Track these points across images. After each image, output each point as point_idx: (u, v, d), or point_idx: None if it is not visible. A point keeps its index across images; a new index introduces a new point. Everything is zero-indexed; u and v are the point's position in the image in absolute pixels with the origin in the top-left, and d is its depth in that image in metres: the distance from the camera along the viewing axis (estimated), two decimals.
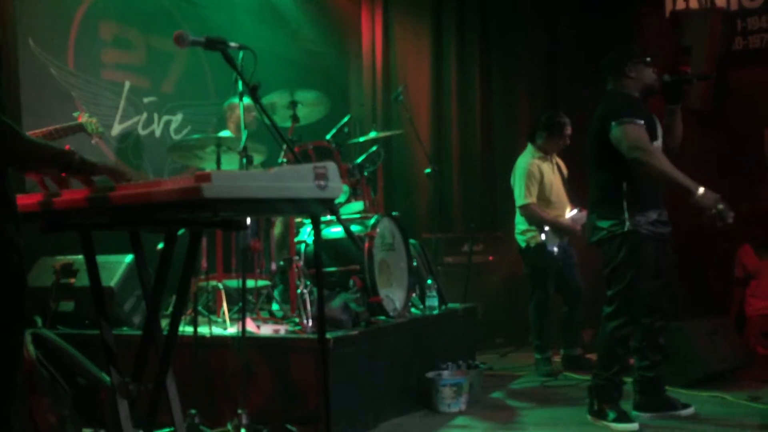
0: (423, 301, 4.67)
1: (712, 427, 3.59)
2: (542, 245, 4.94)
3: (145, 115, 5.29)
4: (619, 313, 3.60)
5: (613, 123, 3.58)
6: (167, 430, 3.11)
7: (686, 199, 3.48)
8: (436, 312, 4.63)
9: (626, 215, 3.58)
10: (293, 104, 4.49)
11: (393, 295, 4.28)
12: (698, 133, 5.62)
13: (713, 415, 3.80)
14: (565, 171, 5.28)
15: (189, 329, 3.62)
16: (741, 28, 6.05)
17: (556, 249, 4.90)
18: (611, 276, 3.65)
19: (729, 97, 5.76)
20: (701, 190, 3.46)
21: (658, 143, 3.71)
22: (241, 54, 3.02)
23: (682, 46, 5.92)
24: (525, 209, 5.02)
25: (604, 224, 3.67)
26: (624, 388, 3.72)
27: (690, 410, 3.79)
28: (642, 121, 3.57)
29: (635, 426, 3.54)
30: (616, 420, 3.57)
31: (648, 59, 3.75)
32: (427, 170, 5.67)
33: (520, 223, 5.14)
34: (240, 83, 3.27)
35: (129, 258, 4.01)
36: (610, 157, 3.64)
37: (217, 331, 3.74)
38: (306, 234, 4.35)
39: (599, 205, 3.74)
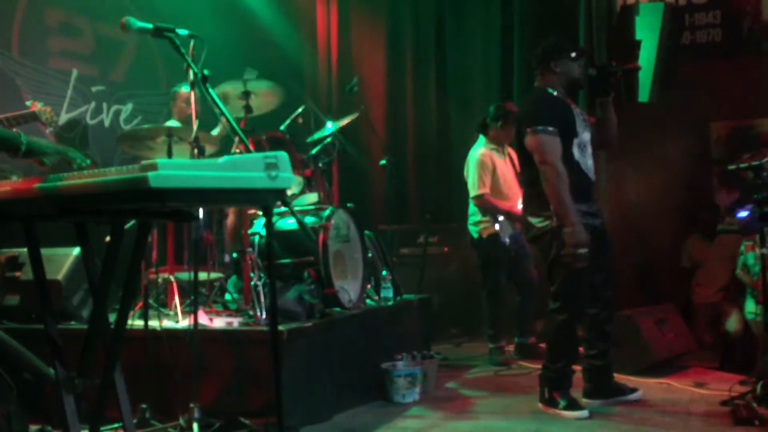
0: (378, 293, 4.67)
1: (659, 413, 3.68)
2: (494, 236, 4.98)
3: (93, 104, 5.17)
4: (564, 307, 3.66)
5: (528, 130, 3.65)
6: (116, 425, 3.08)
7: (561, 226, 3.53)
8: (391, 303, 4.64)
9: (552, 212, 3.63)
10: (246, 94, 4.43)
11: (348, 287, 4.27)
12: (645, 126, 5.75)
13: (660, 401, 3.89)
14: (517, 162, 5.33)
15: (140, 323, 3.57)
16: (688, 23, 6.20)
17: (508, 239, 4.96)
18: (550, 272, 3.72)
19: (676, 90, 5.89)
20: (576, 227, 3.50)
21: (580, 139, 3.73)
22: (192, 42, 2.97)
23: (634, 40, 6.03)
24: (479, 200, 5.06)
25: (534, 221, 3.74)
26: (574, 376, 3.78)
27: (637, 394, 3.87)
28: (554, 128, 3.61)
29: (585, 413, 3.61)
30: (567, 408, 3.64)
31: (573, 54, 3.79)
32: (383, 161, 5.67)
33: (473, 214, 5.18)
34: (191, 73, 3.21)
35: (77, 250, 3.92)
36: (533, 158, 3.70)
37: (168, 324, 3.69)
38: (260, 226, 4.31)
39: (529, 202, 3.82)
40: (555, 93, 3.78)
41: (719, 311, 5.60)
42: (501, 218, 4.99)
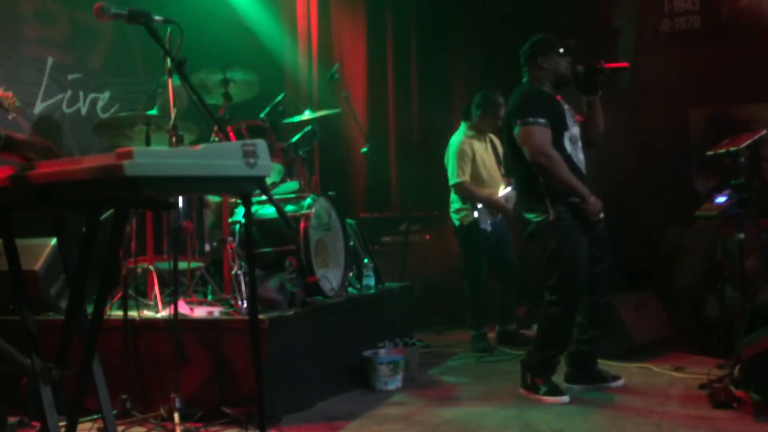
0: (360, 281, 4.67)
1: (638, 396, 3.72)
2: (475, 223, 4.99)
3: (69, 92, 5.09)
4: (560, 301, 3.68)
5: (517, 123, 3.65)
6: (95, 416, 3.06)
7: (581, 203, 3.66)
8: (373, 291, 4.64)
9: (549, 206, 3.66)
10: (225, 82, 4.39)
11: (330, 275, 4.26)
12: (624, 114, 5.77)
13: (640, 385, 3.93)
14: (500, 149, 5.34)
15: (119, 313, 3.54)
16: (668, 10, 6.22)
17: (489, 227, 4.97)
18: (548, 265, 3.72)
19: (655, 77, 5.92)
20: (592, 198, 3.65)
21: (571, 132, 3.75)
22: (168, 29, 2.93)
23: (613, 28, 6.05)
24: (458, 187, 5.07)
25: (531, 216, 3.76)
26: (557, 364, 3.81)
27: (619, 382, 3.91)
28: (544, 120, 3.62)
29: (566, 398, 3.64)
30: (548, 393, 3.67)
31: (561, 50, 3.79)
32: (364, 149, 5.65)
33: (454, 202, 5.19)
34: (168, 59, 3.18)
35: (55, 240, 3.87)
36: (523, 152, 3.70)
37: (148, 314, 3.66)
38: (241, 214, 4.28)
39: (524, 197, 3.83)
40: (544, 89, 3.78)
41: (698, 296, 5.65)
42: (480, 206, 5.00)
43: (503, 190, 5.15)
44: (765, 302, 5.10)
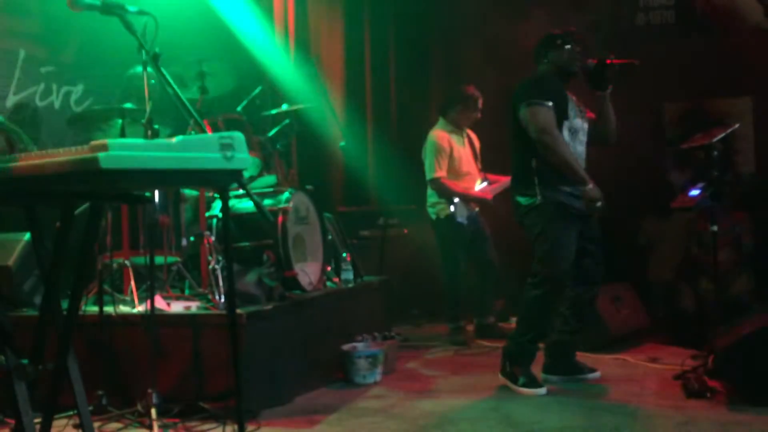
0: (338, 275, 4.67)
1: (614, 387, 3.77)
2: (451, 217, 5.01)
3: (42, 85, 5.00)
4: (542, 283, 3.69)
5: (522, 104, 3.66)
6: (71, 412, 3.02)
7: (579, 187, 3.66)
8: (351, 285, 4.64)
9: (538, 190, 3.68)
10: (201, 75, 4.34)
11: (308, 269, 4.25)
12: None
13: (616, 376, 3.98)
14: (477, 144, 5.36)
15: (95, 308, 3.50)
16: (643, 4, 6.28)
17: (465, 220, 4.98)
18: (534, 247, 3.75)
19: (630, 71, 5.96)
20: (591, 185, 3.65)
21: (571, 123, 3.76)
22: (144, 21, 2.89)
23: (589, 21, 6.08)
24: (434, 183, 5.08)
25: (522, 200, 3.77)
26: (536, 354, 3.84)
27: (596, 374, 3.95)
28: (550, 103, 3.64)
29: (543, 390, 3.67)
30: (526, 385, 3.69)
31: (568, 46, 3.80)
32: (342, 144, 5.63)
33: (431, 196, 5.20)
34: (143, 52, 3.14)
35: (28, 235, 3.81)
36: (522, 136, 3.72)
37: (124, 309, 3.63)
38: (218, 209, 4.25)
39: (517, 182, 3.85)
40: (553, 77, 3.80)
41: (673, 288, 5.72)
42: (456, 200, 5.02)
43: (479, 185, 5.17)
44: (738, 294, 5.19)
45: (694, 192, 4.15)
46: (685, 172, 5.95)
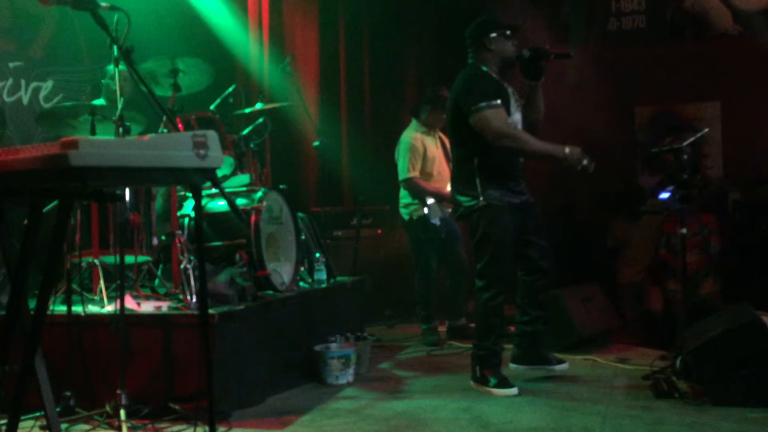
0: (311, 275, 4.64)
1: (584, 387, 3.80)
2: (424, 218, 5.02)
3: (10, 80, 4.91)
4: (489, 285, 3.72)
5: (472, 110, 3.64)
6: (38, 413, 2.97)
7: (557, 163, 3.64)
8: (324, 285, 4.62)
9: (479, 190, 3.70)
10: (174, 72, 4.29)
11: (281, 269, 4.23)
12: (573, 110, 5.88)
13: (586, 377, 4.02)
14: (448, 146, 5.37)
15: (63, 308, 3.44)
16: (615, 9, 6.36)
17: (438, 221, 5.00)
18: (477, 249, 3.78)
19: (601, 75, 6.04)
20: (567, 149, 3.63)
21: (512, 119, 3.77)
22: (115, 16, 2.85)
23: (563, 24, 6.15)
24: (407, 183, 5.09)
25: (462, 199, 3.79)
26: (503, 354, 3.86)
27: (564, 366, 3.97)
28: (498, 101, 3.64)
29: (515, 390, 3.69)
30: (497, 386, 3.71)
31: (508, 32, 3.80)
32: (316, 143, 5.61)
33: (404, 197, 5.21)
34: (115, 48, 3.09)
35: None
36: (463, 134, 3.74)
37: (93, 309, 3.57)
38: (190, 208, 4.21)
39: (457, 180, 3.86)
40: (488, 71, 3.80)
41: (642, 290, 5.80)
42: (430, 201, 5.03)
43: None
44: (705, 295, 5.28)
45: (664, 195, 4.21)
46: (655, 175, 6.03)
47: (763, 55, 5.84)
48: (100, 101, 4.64)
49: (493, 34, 3.77)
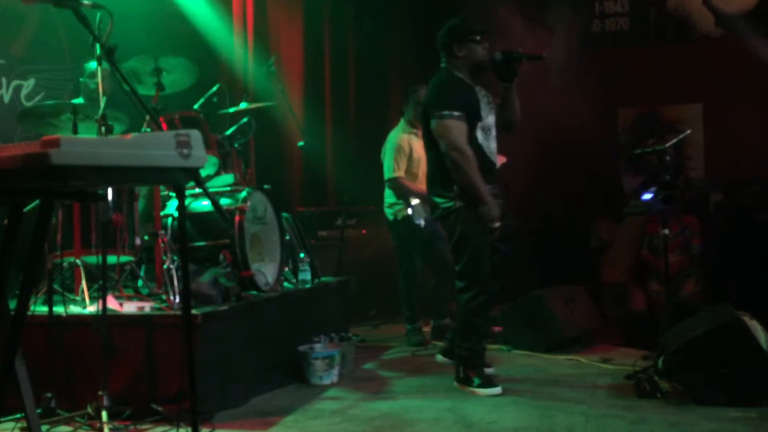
0: (296, 275, 4.63)
1: (567, 387, 3.82)
2: (409, 218, 5.02)
3: None
4: (469, 286, 3.75)
5: (435, 115, 3.70)
6: (18, 415, 2.94)
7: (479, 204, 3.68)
8: (308, 286, 4.61)
9: (456, 192, 3.72)
10: (157, 71, 4.26)
11: (265, 270, 4.22)
12: (556, 112, 5.92)
13: (569, 377, 4.04)
14: None
15: (44, 309, 3.41)
16: (598, 11, 6.40)
17: (422, 222, 5.00)
18: (455, 251, 3.80)
19: (585, 77, 6.07)
20: (490, 201, 3.68)
21: (484, 123, 3.80)
22: (98, 14, 2.83)
23: (546, 27, 6.17)
24: (392, 182, 5.10)
25: (439, 201, 3.82)
26: (488, 353, 3.88)
27: (490, 369, 3.98)
28: (459, 113, 3.67)
29: (498, 390, 3.71)
30: (481, 386, 3.72)
31: (477, 37, 3.83)
32: (301, 143, 5.60)
33: (389, 197, 5.20)
34: (98, 46, 3.07)
35: None
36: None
37: (75, 309, 3.54)
38: (173, 207, 4.18)
39: (433, 182, 3.90)
40: (460, 75, 3.82)
41: (625, 290, 5.84)
42: (414, 201, 5.03)
43: None
44: (687, 296, 5.32)
45: (647, 196, 4.24)
46: (638, 176, 6.08)
47: (744, 57, 5.91)
48: (79, 100, 4.60)
49: (463, 41, 3.80)
